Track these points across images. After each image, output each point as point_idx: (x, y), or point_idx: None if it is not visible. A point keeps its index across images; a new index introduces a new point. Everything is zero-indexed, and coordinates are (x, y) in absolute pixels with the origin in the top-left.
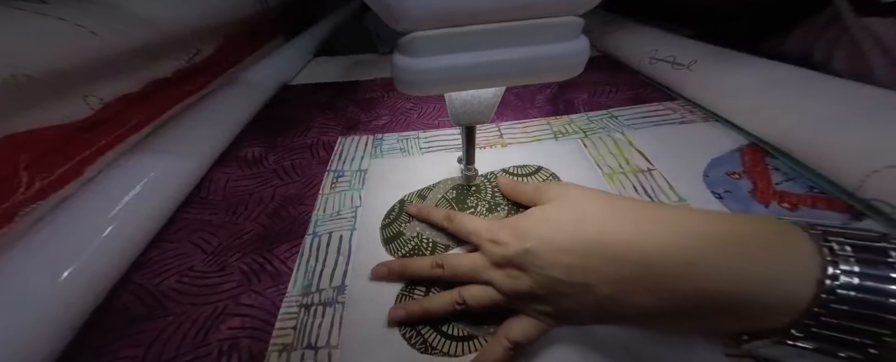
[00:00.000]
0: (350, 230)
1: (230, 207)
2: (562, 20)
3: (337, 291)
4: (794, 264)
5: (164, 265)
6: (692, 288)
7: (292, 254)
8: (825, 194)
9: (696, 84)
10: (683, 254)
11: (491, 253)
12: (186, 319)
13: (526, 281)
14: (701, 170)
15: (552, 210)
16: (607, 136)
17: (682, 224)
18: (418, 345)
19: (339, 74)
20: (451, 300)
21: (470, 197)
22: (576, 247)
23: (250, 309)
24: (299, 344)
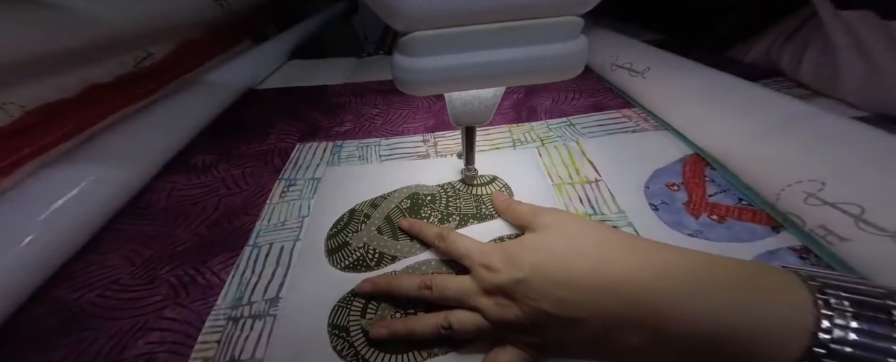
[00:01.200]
0: (293, 240)
1: (169, 218)
2: (561, 20)
3: (270, 303)
4: (788, 314)
5: (88, 278)
6: (682, 331)
7: (228, 265)
8: (752, 206)
9: (649, 92)
10: (675, 295)
11: (482, 278)
12: (102, 334)
13: (514, 311)
14: (643, 181)
15: (547, 239)
16: (563, 146)
17: (677, 263)
18: (349, 357)
19: (309, 78)
20: (437, 323)
21: (424, 207)
22: (569, 280)
23: (173, 323)
24: (222, 357)
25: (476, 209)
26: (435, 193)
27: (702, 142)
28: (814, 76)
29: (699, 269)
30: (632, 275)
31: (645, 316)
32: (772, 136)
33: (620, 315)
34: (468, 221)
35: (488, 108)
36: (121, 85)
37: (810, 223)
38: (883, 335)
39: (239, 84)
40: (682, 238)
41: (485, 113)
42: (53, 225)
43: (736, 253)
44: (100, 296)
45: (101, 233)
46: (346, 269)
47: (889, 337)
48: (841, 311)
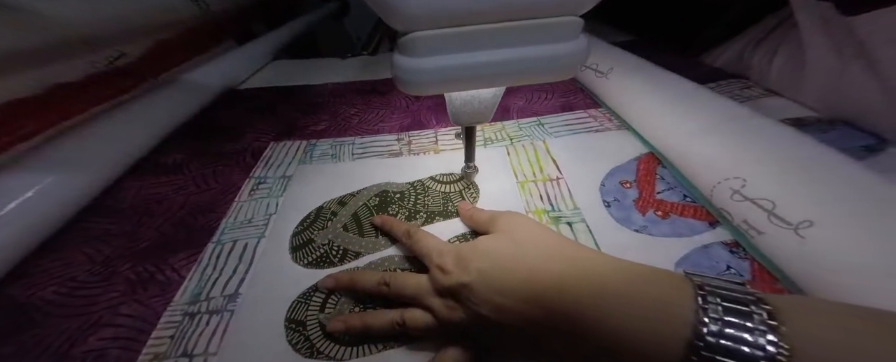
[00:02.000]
0: (258, 238)
1: (134, 216)
2: (561, 20)
3: (228, 299)
4: (676, 315)
5: (44, 276)
6: (593, 335)
7: (190, 262)
8: (694, 203)
9: (612, 92)
10: (588, 304)
11: (435, 279)
12: (53, 331)
13: (459, 314)
14: (600, 179)
15: (496, 243)
16: (530, 144)
17: (596, 272)
18: (304, 350)
19: (290, 79)
20: (392, 320)
21: (392, 204)
22: (507, 287)
23: (127, 320)
24: (174, 352)
25: (443, 206)
26: (404, 191)
27: (652, 140)
28: (778, 79)
29: (611, 278)
30: (558, 285)
31: (564, 324)
32: (707, 136)
33: (545, 323)
34: (434, 218)
35: (488, 108)
36: (90, 84)
37: (736, 218)
38: (739, 323)
39: (217, 84)
40: (629, 233)
41: (485, 113)
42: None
43: (675, 247)
44: (55, 294)
45: (64, 230)
46: (308, 266)
47: (743, 326)
48: (715, 311)
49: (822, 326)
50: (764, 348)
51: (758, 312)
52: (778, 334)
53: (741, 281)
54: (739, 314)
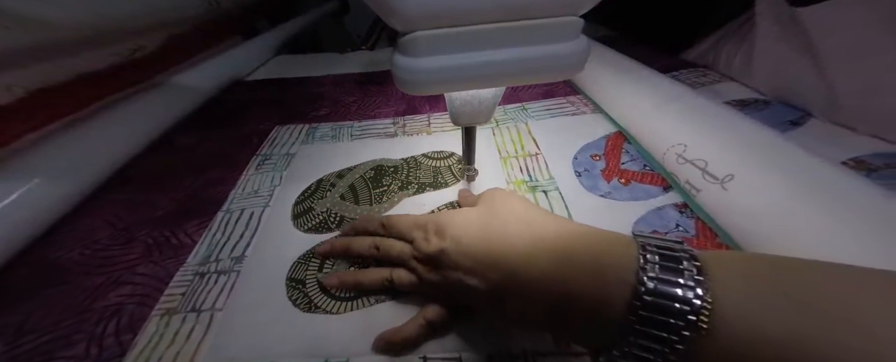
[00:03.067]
0: (263, 207)
1: (152, 188)
2: (561, 20)
3: (235, 261)
4: (619, 273)
5: (71, 239)
6: (543, 297)
7: (201, 228)
8: (652, 171)
9: (586, 79)
10: (539, 267)
11: (417, 246)
12: (78, 288)
13: (437, 277)
14: (573, 153)
15: (473, 213)
16: (513, 126)
17: (549, 236)
18: (302, 305)
19: (293, 71)
20: (382, 277)
21: (386, 176)
22: (475, 253)
23: (143, 278)
24: (184, 308)
25: (433, 178)
26: (398, 165)
27: (618, 119)
28: (738, 68)
29: (564, 243)
30: (515, 250)
31: (519, 285)
32: (657, 112)
33: (503, 285)
34: (425, 188)
35: (488, 108)
36: (114, 72)
37: (681, 179)
38: (673, 280)
39: (225, 75)
40: (596, 198)
41: (485, 113)
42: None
43: (633, 209)
44: (80, 255)
45: (90, 199)
46: (308, 231)
47: (675, 283)
48: (653, 269)
49: (742, 277)
50: (690, 302)
51: (688, 268)
52: (703, 288)
53: (679, 238)
54: (673, 271)
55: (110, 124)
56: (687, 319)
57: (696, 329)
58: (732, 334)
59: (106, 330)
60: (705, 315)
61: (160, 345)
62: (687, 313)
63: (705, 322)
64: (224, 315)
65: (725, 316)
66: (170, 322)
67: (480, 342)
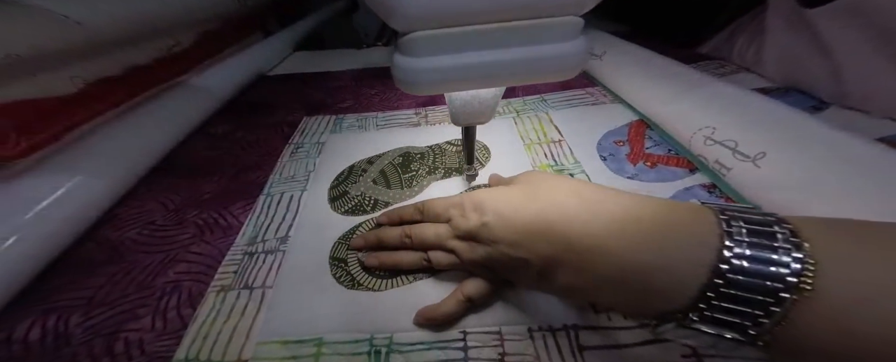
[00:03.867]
0: (301, 190)
1: (196, 172)
2: (561, 20)
3: (280, 241)
4: (697, 242)
5: (129, 219)
6: (604, 269)
7: (245, 210)
8: (677, 155)
9: (606, 72)
10: (601, 236)
11: (456, 224)
12: (137, 265)
13: (480, 252)
14: (596, 140)
15: (512, 188)
16: (534, 116)
17: (609, 206)
18: (346, 282)
19: (313, 66)
20: (420, 257)
21: (413, 162)
22: (520, 225)
23: (198, 257)
24: (237, 284)
25: (460, 164)
26: (424, 152)
27: (640, 108)
28: (752, 60)
29: (626, 211)
30: (568, 219)
31: (573, 257)
32: (682, 98)
33: (555, 257)
34: (452, 173)
35: (488, 108)
36: (156, 66)
37: (710, 160)
38: (766, 243)
39: (250, 70)
40: (623, 180)
41: (485, 113)
42: (104, 171)
43: (660, 190)
44: (138, 234)
45: (140, 183)
46: (345, 213)
47: (770, 260)
48: (739, 233)
49: (842, 240)
50: (788, 265)
51: (781, 231)
52: (802, 251)
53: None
54: (764, 235)
55: (155, 114)
56: (786, 281)
57: (798, 291)
58: (836, 294)
59: (168, 305)
60: (809, 275)
61: (218, 320)
62: (786, 275)
63: (809, 283)
64: (274, 292)
65: (830, 276)
66: (225, 298)
67: (520, 316)
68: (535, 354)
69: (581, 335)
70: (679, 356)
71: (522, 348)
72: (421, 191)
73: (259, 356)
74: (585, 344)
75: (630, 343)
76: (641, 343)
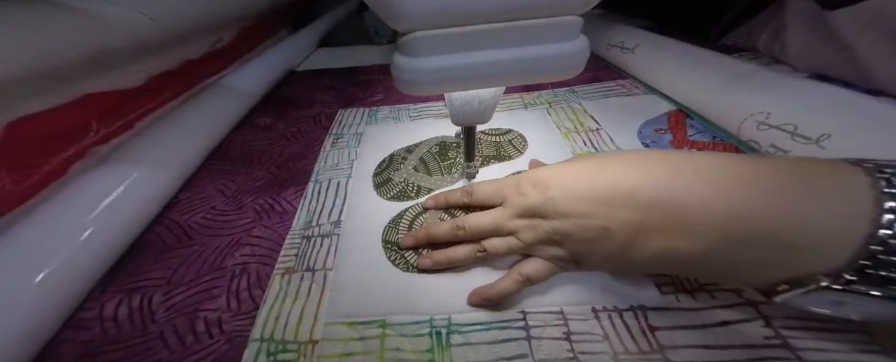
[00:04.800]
0: (346, 177)
1: (246, 161)
2: (561, 20)
3: (334, 225)
4: (842, 201)
5: (192, 205)
6: (716, 230)
7: (297, 196)
8: (723, 141)
9: (639, 64)
10: (704, 194)
11: (515, 204)
12: (207, 248)
13: (545, 228)
14: (636, 128)
15: (573, 163)
16: (567, 107)
17: (707, 165)
18: (400, 265)
19: (339, 62)
20: (473, 249)
21: (451, 150)
22: (592, 194)
23: (260, 240)
24: (300, 267)
25: (497, 152)
26: (460, 141)
27: (680, 98)
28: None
29: (737, 168)
30: (656, 182)
31: (670, 221)
32: (729, 87)
33: (645, 222)
34: (490, 161)
35: (488, 108)
36: (204, 61)
37: (764, 144)
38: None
39: (282, 65)
40: None
41: (485, 113)
42: (168, 159)
43: None
44: (203, 218)
45: (197, 171)
46: (391, 199)
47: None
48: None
49: None
50: None
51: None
52: None
53: None
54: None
55: (206, 106)
56: None
57: None
58: None
59: (239, 286)
60: None
61: (286, 301)
62: None
63: None
64: (335, 275)
65: None
66: (290, 280)
67: (582, 296)
68: (604, 333)
69: (649, 315)
70: (762, 338)
71: (588, 327)
72: (461, 177)
73: (328, 336)
74: (655, 324)
75: (705, 323)
76: (716, 324)
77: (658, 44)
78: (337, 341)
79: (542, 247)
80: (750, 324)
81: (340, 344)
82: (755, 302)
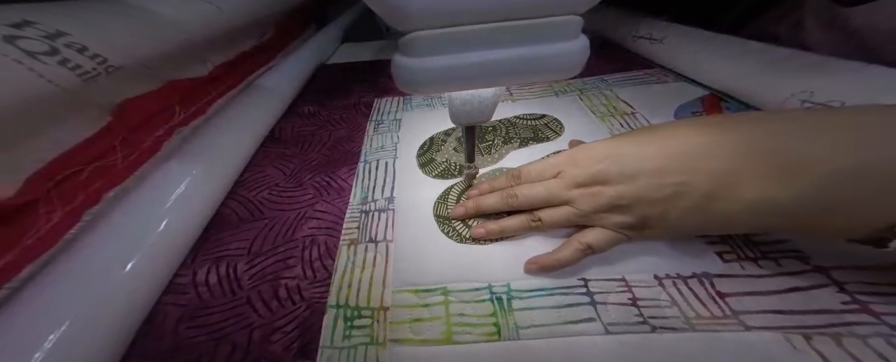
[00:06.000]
0: (392, 158)
1: (298, 144)
2: (562, 19)
3: (388, 201)
4: None
5: (257, 182)
6: (824, 166)
7: (350, 174)
8: None
9: (668, 53)
10: (808, 135)
11: (571, 174)
12: (278, 221)
13: (608, 194)
14: (672, 112)
15: (627, 134)
16: (599, 93)
17: (798, 114)
18: (454, 237)
19: (365, 56)
20: (527, 219)
21: (488, 134)
22: (663, 152)
23: (323, 214)
24: (363, 239)
25: (534, 134)
26: (496, 125)
27: (714, 84)
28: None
29: (831, 114)
30: (750, 130)
31: (767, 162)
32: (766, 70)
33: (733, 169)
34: (528, 142)
35: (488, 108)
36: (253, 53)
37: None
38: None
39: (315, 58)
40: None
41: (485, 112)
42: (231, 146)
43: None
44: (269, 194)
45: (256, 154)
46: (436, 177)
47: None
48: None
49: None
50: None
51: None
52: None
53: None
54: None
55: (258, 95)
56: None
57: None
58: None
59: (312, 256)
60: None
61: (355, 271)
62: None
63: None
64: (395, 246)
65: None
66: (356, 250)
67: (644, 263)
68: (671, 299)
69: (715, 282)
70: (839, 303)
71: (654, 294)
72: (501, 158)
73: (397, 303)
74: (723, 290)
75: (776, 290)
76: (787, 290)
77: (686, 33)
78: (405, 307)
79: (604, 215)
80: (824, 290)
81: (408, 311)
82: (825, 268)
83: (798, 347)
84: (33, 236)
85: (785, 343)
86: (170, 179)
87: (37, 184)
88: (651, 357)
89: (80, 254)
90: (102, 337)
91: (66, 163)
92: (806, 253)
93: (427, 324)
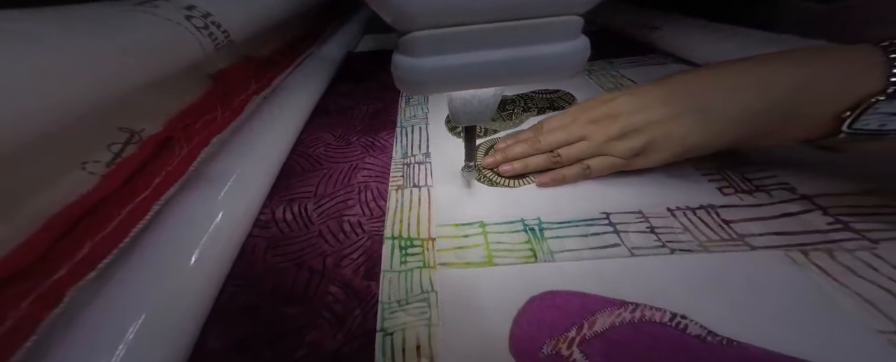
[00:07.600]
0: (425, 124)
1: (342, 114)
2: (562, 19)
3: (425, 156)
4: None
5: (312, 142)
6: (792, 74)
7: (390, 136)
8: None
9: (667, 39)
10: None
11: (588, 115)
12: (334, 171)
13: (618, 124)
14: None
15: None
16: (606, 73)
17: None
18: (485, 183)
19: (387, 45)
20: (548, 156)
21: (507, 104)
22: (667, 90)
23: (371, 166)
24: (408, 184)
25: (549, 104)
26: (514, 98)
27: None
28: None
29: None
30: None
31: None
32: (768, 46)
33: (736, 85)
34: (545, 110)
35: (488, 108)
36: (303, 39)
37: None
38: None
39: (344, 46)
40: None
41: (485, 112)
42: (289, 115)
43: None
44: (324, 151)
45: (307, 122)
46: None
47: None
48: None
49: None
50: None
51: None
52: None
53: None
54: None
55: (305, 74)
56: None
57: None
58: None
59: (367, 198)
60: None
61: (404, 209)
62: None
63: None
64: (435, 190)
65: None
66: (403, 194)
67: (657, 197)
68: (684, 227)
69: (720, 212)
70: (825, 224)
71: (668, 223)
72: (521, 123)
73: (441, 234)
74: (727, 218)
75: (771, 215)
76: (781, 215)
77: (683, 23)
78: (449, 238)
79: (613, 143)
80: (811, 214)
81: (452, 240)
82: (809, 195)
83: (798, 261)
84: (173, 163)
85: (786, 258)
86: (251, 134)
87: (174, 126)
88: (673, 274)
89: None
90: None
91: (190, 114)
92: (792, 184)
93: (470, 251)
